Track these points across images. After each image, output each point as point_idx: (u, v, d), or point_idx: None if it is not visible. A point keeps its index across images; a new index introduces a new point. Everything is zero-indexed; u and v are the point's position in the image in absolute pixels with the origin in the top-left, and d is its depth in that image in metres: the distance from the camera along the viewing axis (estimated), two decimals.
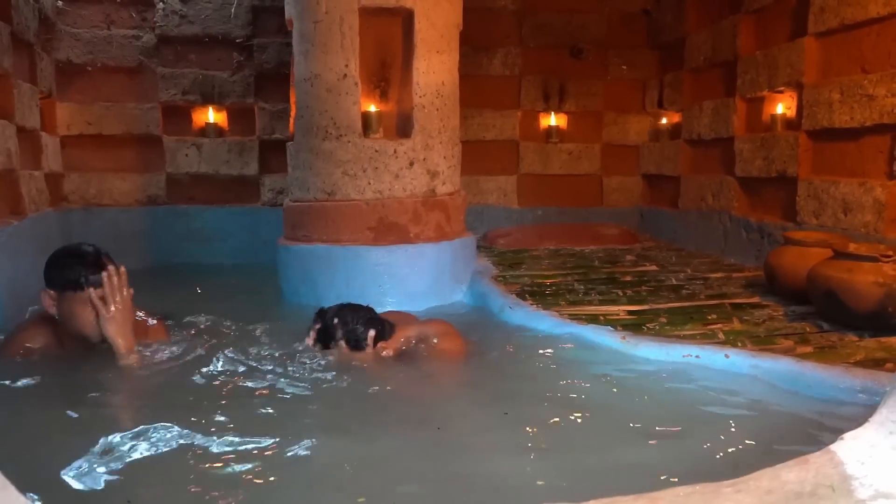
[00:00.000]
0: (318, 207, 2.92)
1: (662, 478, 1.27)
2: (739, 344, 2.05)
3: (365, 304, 2.16)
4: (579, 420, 1.65)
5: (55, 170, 3.83)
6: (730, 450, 1.41)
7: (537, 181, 4.77)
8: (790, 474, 1.04)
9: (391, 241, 2.86)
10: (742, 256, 3.51)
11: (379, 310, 2.76)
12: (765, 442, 1.45)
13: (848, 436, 1.10)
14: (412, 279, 2.85)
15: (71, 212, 4.01)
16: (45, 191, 3.49)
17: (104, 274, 1.91)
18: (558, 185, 4.81)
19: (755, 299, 2.60)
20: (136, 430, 1.50)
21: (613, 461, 1.40)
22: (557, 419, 1.64)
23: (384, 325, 2.09)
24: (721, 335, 2.17)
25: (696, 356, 1.95)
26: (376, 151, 2.86)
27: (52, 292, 1.91)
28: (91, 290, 1.88)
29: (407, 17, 2.88)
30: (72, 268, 1.90)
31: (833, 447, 1.09)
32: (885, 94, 2.59)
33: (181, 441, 1.47)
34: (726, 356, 1.92)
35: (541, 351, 2.17)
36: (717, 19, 3.80)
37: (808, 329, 2.20)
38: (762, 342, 2.08)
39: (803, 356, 1.90)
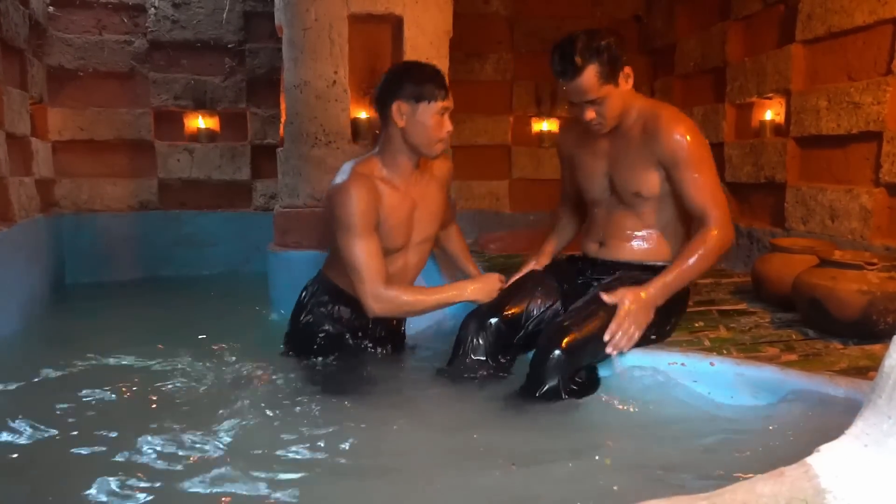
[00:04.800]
0: (307, 214, 2.92)
1: (638, 489, 1.27)
2: (725, 351, 2.06)
3: None
4: (559, 424, 1.65)
5: (46, 175, 3.83)
6: (708, 461, 1.42)
7: (529, 186, 4.78)
8: (765, 487, 1.05)
9: None
10: (731, 262, 3.52)
11: None
12: (745, 452, 1.46)
13: (824, 448, 1.11)
14: None
15: (62, 217, 4.01)
16: (35, 197, 3.48)
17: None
18: (550, 189, 4.79)
19: (742, 306, 2.61)
20: None
21: (590, 470, 1.41)
22: (538, 426, 1.65)
23: None
24: (707, 342, 2.17)
25: (682, 363, 1.96)
26: None
27: (403, 104, 2.05)
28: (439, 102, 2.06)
29: (396, 24, 2.88)
30: (426, 82, 2.07)
31: (809, 460, 1.10)
32: (871, 101, 2.60)
33: None
34: (711, 364, 1.93)
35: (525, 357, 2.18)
36: (707, 26, 3.82)
37: (793, 336, 2.21)
38: (748, 349, 2.09)
39: (788, 364, 1.91)
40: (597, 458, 1.48)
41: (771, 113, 3.32)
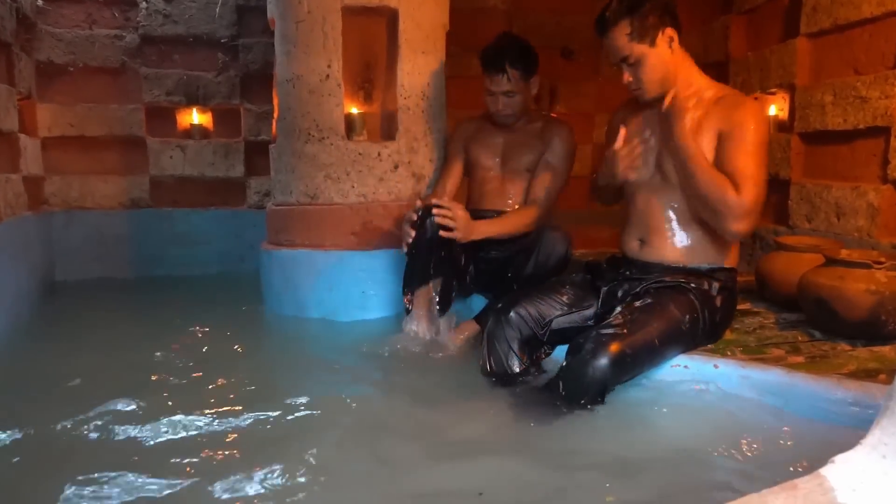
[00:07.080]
0: (300, 211, 2.86)
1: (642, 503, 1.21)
2: (729, 353, 1.99)
3: None
4: (558, 430, 1.59)
5: (35, 172, 3.76)
6: (715, 472, 1.36)
7: None
8: (777, 501, 0.98)
9: (375, 246, 2.80)
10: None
11: (365, 314, 2.74)
12: (753, 462, 1.39)
13: (839, 459, 1.05)
14: (397, 284, 2.79)
15: (52, 215, 3.93)
16: (23, 194, 3.41)
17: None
18: None
19: (746, 306, 2.55)
20: None
21: (590, 483, 1.34)
22: (536, 430, 1.59)
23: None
24: (711, 344, 2.11)
25: (685, 366, 1.90)
26: (360, 154, 2.80)
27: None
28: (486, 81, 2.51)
29: (391, 18, 2.81)
30: (483, 59, 2.52)
31: (823, 471, 1.04)
32: (879, 96, 2.54)
33: None
34: (715, 366, 1.87)
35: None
36: (709, 20, 3.75)
37: (799, 338, 2.15)
38: (753, 351, 2.03)
39: (794, 366, 1.85)
40: (597, 469, 1.41)
41: (775, 108, 3.25)
